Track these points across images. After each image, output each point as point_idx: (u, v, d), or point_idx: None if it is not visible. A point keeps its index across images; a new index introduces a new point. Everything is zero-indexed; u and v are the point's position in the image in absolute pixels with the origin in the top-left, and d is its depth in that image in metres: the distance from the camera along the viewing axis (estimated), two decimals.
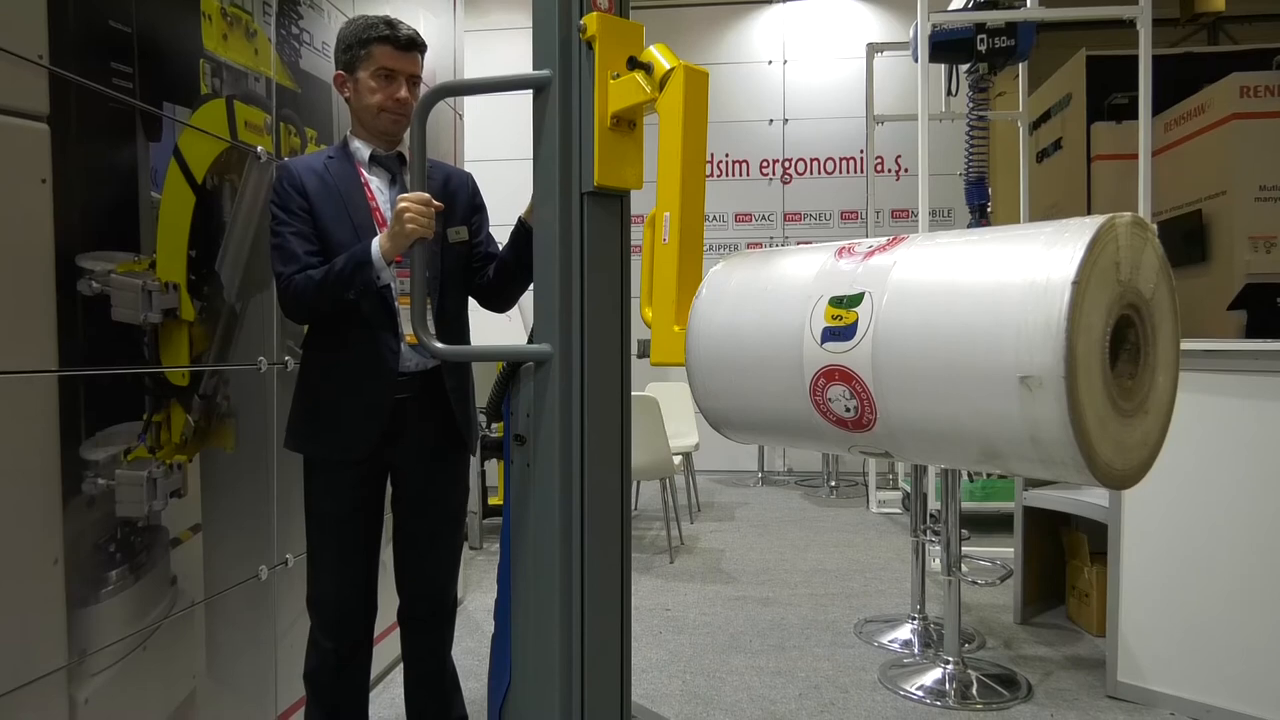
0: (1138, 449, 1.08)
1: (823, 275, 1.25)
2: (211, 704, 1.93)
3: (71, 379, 1.53)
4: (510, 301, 2.10)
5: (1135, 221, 1.04)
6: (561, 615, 1.68)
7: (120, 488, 1.65)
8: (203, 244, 1.93)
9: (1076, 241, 0.99)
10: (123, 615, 1.66)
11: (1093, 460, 0.98)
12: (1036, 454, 1.00)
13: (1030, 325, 0.97)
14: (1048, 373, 0.95)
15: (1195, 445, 2.55)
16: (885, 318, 1.12)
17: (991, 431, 1.03)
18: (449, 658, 2.15)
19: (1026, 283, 0.99)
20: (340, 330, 1.89)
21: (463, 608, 3.57)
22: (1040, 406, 0.97)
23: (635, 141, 1.65)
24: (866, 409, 1.16)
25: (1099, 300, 0.99)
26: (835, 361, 1.17)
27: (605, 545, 1.72)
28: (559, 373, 1.67)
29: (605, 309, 1.66)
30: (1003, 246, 1.07)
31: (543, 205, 1.72)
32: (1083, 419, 0.96)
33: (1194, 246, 5.32)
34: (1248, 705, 2.47)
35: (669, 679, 2.90)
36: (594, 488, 1.70)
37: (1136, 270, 1.05)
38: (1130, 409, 1.06)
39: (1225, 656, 2.50)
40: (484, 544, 4.75)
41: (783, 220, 7.16)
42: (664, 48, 1.57)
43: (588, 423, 1.69)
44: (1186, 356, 2.57)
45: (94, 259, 1.60)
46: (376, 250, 1.76)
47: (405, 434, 1.94)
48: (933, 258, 1.14)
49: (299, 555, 2.26)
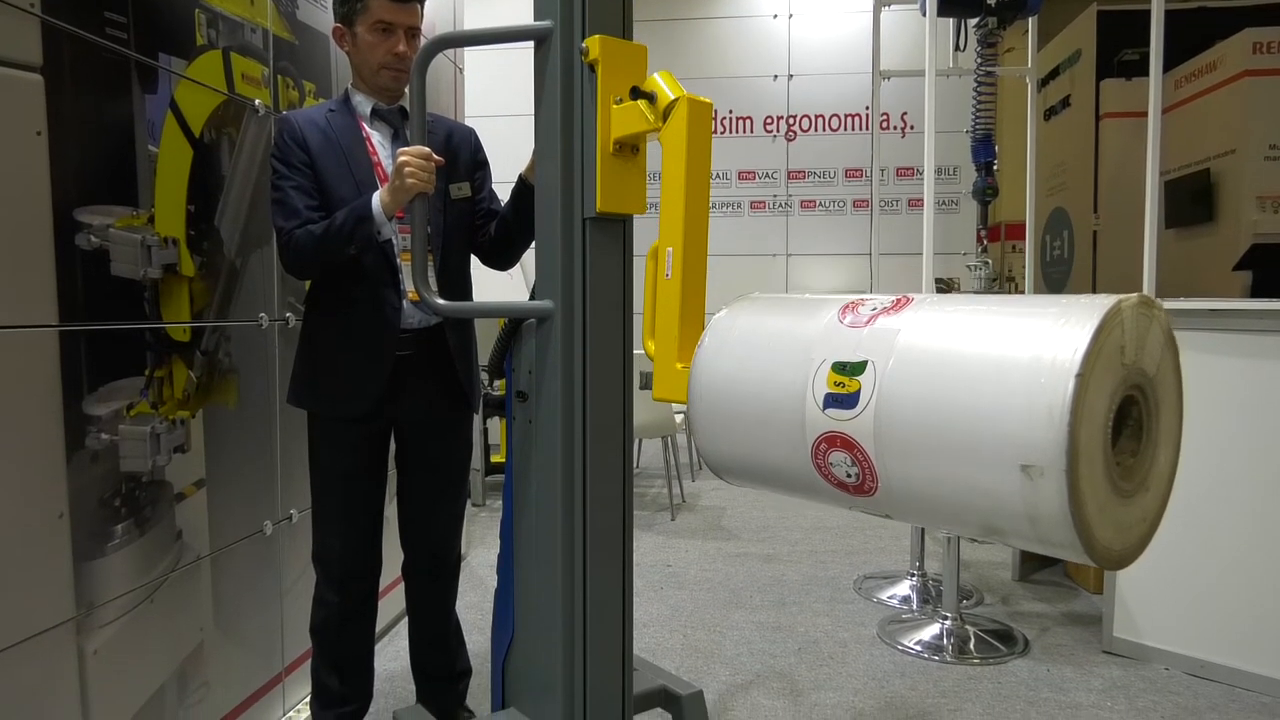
0: (1137, 525, 1.08)
1: (826, 336, 1.23)
2: (219, 656, 1.95)
3: (72, 334, 1.53)
4: (513, 259, 2.09)
5: (1142, 301, 1.04)
6: (563, 570, 1.69)
7: (124, 443, 1.66)
8: (201, 199, 1.91)
9: (1082, 328, 0.98)
10: (129, 569, 1.67)
11: (1091, 546, 0.99)
12: (1035, 534, 1.01)
13: (1033, 414, 0.97)
14: (1049, 464, 0.95)
15: (1196, 404, 2.55)
16: (888, 390, 1.12)
17: (992, 511, 1.04)
18: (453, 612, 2.17)
19: (1031, 367, 0.99)
20: (342, 287, 1.88)
21: (466, 563, 3.61)
22: (1040, 494, 0.97)
23: (638, 167, 1.64)
24: (868, 477, 1.17)
25: (1103, 387, 0.99)
26: (837, 429, 1.17)
27: (607, 500, 1.73)
28: (561, 329, 1.66)
29: (607, 266, 1.65)
30: (1009, 321, 1.06)
31: (544, 162, 1.70)
32: (1083, 508, 0.96)
33: (1200, 206, 5.27)
34: (1241, 660, 2.50)
35: (670, 633, 2.93)
36: (596, 444, 1.70)
37: (1141, 350, 1.05)
38: (1131, 489, 1.06)
39: (1220, 613, 2.53)
40: (486, 501, 4.78)
41: (786, 179, 7.09)
42: (668, 76, 1.55)
43: (590, 380, 1.68)
44: (1189, 315, 2.57)
45: (92, 213, 1.58)
46: (377, 205, 1.75)
47: (408, 391, 1.94)
48: (938, 328, 1.13)
49: (304, 511, 2.28)
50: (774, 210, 7.07)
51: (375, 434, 1.97)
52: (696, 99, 1.50)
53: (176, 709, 1.81)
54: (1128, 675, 2.59)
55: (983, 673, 2.62)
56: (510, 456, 1.84)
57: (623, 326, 1.72)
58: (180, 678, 1.83)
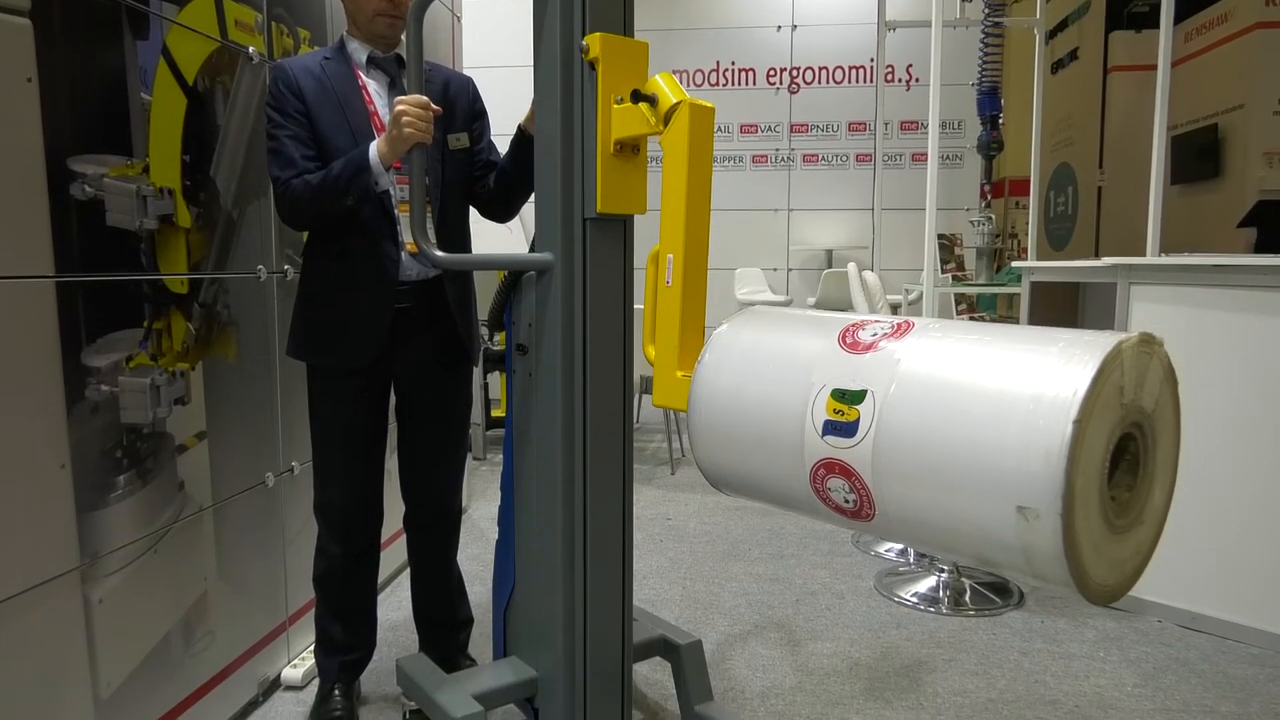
0: (1131, 559, 1.09)
1: (826, 360, 1.22)
2: (223, 605, 1.98)
3: (69, 285, 1.52)
4: (512, 211, 2.07)
5: (1142, 340, 1.03)
6: (564, 521, 1.70)
7: (124, 394, 1.66)
8: (196, 148, 1.88)
9: (1082, 370, 0.97)
10: (132, 519, 1.68)
11: (1085, 585, 1.00)
12: (1030, 570, 1.02)
13: (1030, 455, 0.97)
14: (1045, 507, 0.96)
15: (1197, 360, 2.55)
16: (887, 421, 1.11)
17: (987, 545, 1.05)
18: (454, 562, 2.20)
19: (1030, 408, 0.98)
20: (340, 238, 1.87)
21: (467, 516, 3.64)
22: (1036, 535, 0.98)
23: (639, 167, 1.63)
24: (865, 504, 1.17)
25: (1101, 429, 0.99)
26: (836, 456, 1.18)
27: (607, 452, 1.73)
28: (561, 282, 1.65)
29: (608, 218, 1.64)
30: (1009, 356, 1.06)
31: (543, 111, 1.67)
32: (1077, 549, 0.97)
33: (1207, 162, 5.20)
34: (1232, 613, 2.53)
35: (669, 585, 2.97)
36: (596, 397, 1.70)
37: (1140, 388, 1.04)
38: (1125, 524, 1.07)
39: (1213, 566, 2.56)
40: (487, 455, 4.81)
41: (789, 132, 7.01)
42: (669, 78, 1.54)
43: (590, 333, 1.68)
44: (1193, 271, 2.56)
45: (86, 162, 1.56)
46: (374, 155, 1.73)
47: (407, 344, 1.93)
48: (939, 358, 1.12)
49: (305, 463, 2.29)
50: (776, 164, 7.00)
51: (374, 386, 1.97)
52: (699, 104, 1.49)
53: (183, 656, 1.84)
54: (1120, 627, 2.62)
55: (977, 624, 2.65)
56: (510, 410, 1.84)
57: (624, 279, 1.71)
58: (185, 626, 1.85)
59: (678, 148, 1.49)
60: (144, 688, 1.72)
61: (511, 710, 2.04)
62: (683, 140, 1.48)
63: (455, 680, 1.81)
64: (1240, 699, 2.19)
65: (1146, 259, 2.83)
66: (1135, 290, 2.71)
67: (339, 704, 2.01)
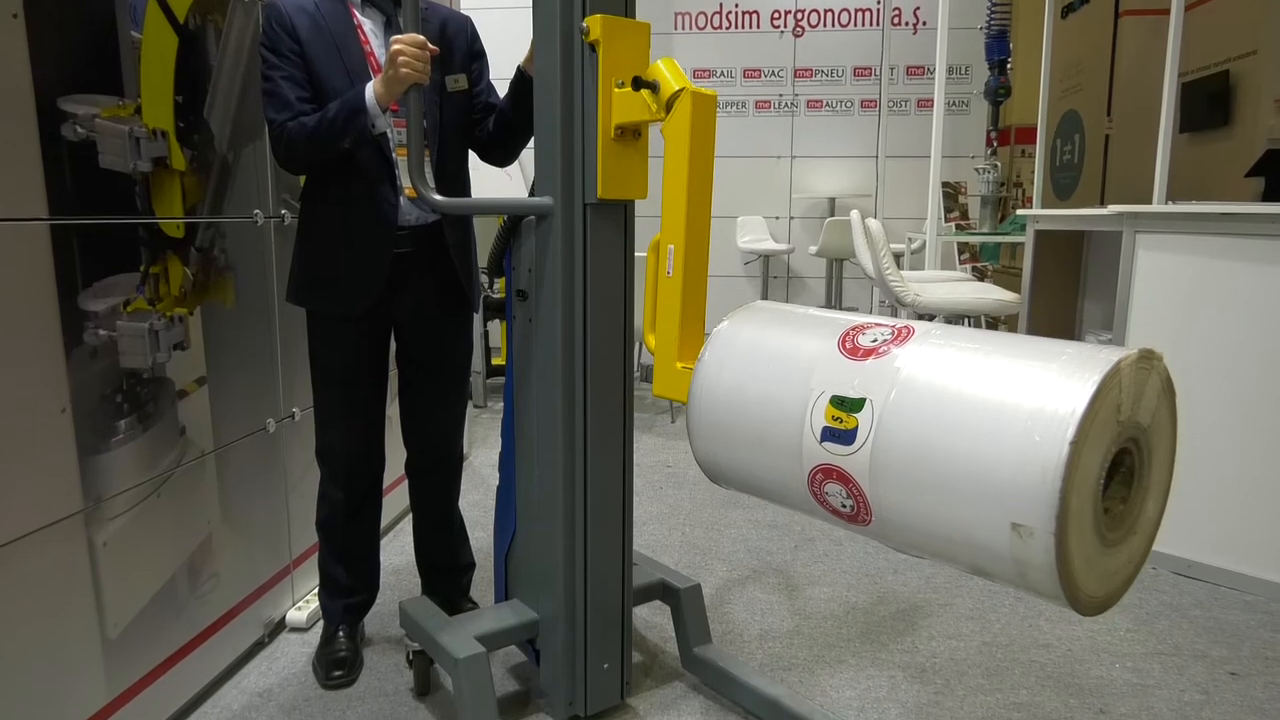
0: (1122, 569, 1.10)
1: (826, 365, 1.22)
2: (228, 549, 2.00)
3: (64, 228, 1.50)
4: (512, 155, 2.04)
5: (1141, 357, 1.03)
6: (565, 466, 1.71)
7: (122, 339, 1.65)
8: (189, 89, 1.85)
9: (1081, 388, 0.97)
10: (134, 463, 1.69)
11: (1075, 599, 1.01)
12: (1022, 583, 1.04)
13: (1026, 473, 0.97)
14: (1039, 525, 0.97)
15: (1201, 309, 2.54)
16: (885, 431, 1.12)
17: (981, 557, 1.06)
18: (456, 507, 2.21)
19: (1027, 426, 0.99)
20: (337, 182, 1.85)
21: (468, 462, 3.66)
22: (1029, 551, 0.99)
23: (640, 152, 1.62)
24: (863, 510, 1.18)
25: (1097, 447, 0.99)
26: (834, 463, 1.18)
27: (607, 398, 1.73)
28: (561, 227, 1.64)
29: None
30: (1009, 369, 1.05)
31: (543, 53, 1.64)
32: (1070, 565, 0.98)
33: (1217, 110, 5.12)
34: (1226, 560, 2.56)
35: (669, 531, 3.00)
36: (596, 343, 1.70)
37: (1138, 404, 1.04)
38: (1118, 537, 1.07)
39: (1208, 514, 2.58)
40: (488, 403, 4.82)
41: (793, 77, 6.88)
42: (671, 64, 1.51)
43: (590, 278, 1.67)
44: (1200, 220, 2.53)
45: (76, 102, 1.53)
46: (371, 96, 1.69)
47: (406, 289, 1.92)
48: (938, 368, 1.11)
49: (306, 409, 2.29)
50: (779, 110, 6.89)
51: (374, 332, 1.96)
52: (700, 92, 1.47)
53: (189, 599, 1.86)
54: None
55: None
56: (511, 356, 1.84)
57: (624, 223, 1.70)
58: (191, 569, 1.87)
59: (679, 137, 1.48)
60: (151, 629, 1.74)
61: (513, 652, 2.08)
62: (684, 129, 1.47)
63: (458, 622, 1.84)
64: (1231, 644, 2.22)
65: (1153, 207, 2.80)
66: (1141, 239, 2.68)
67: (343, 645, 2.04)
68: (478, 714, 1.67)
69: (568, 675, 1.79)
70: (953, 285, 3.51)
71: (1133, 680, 2.05)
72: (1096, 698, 1.97)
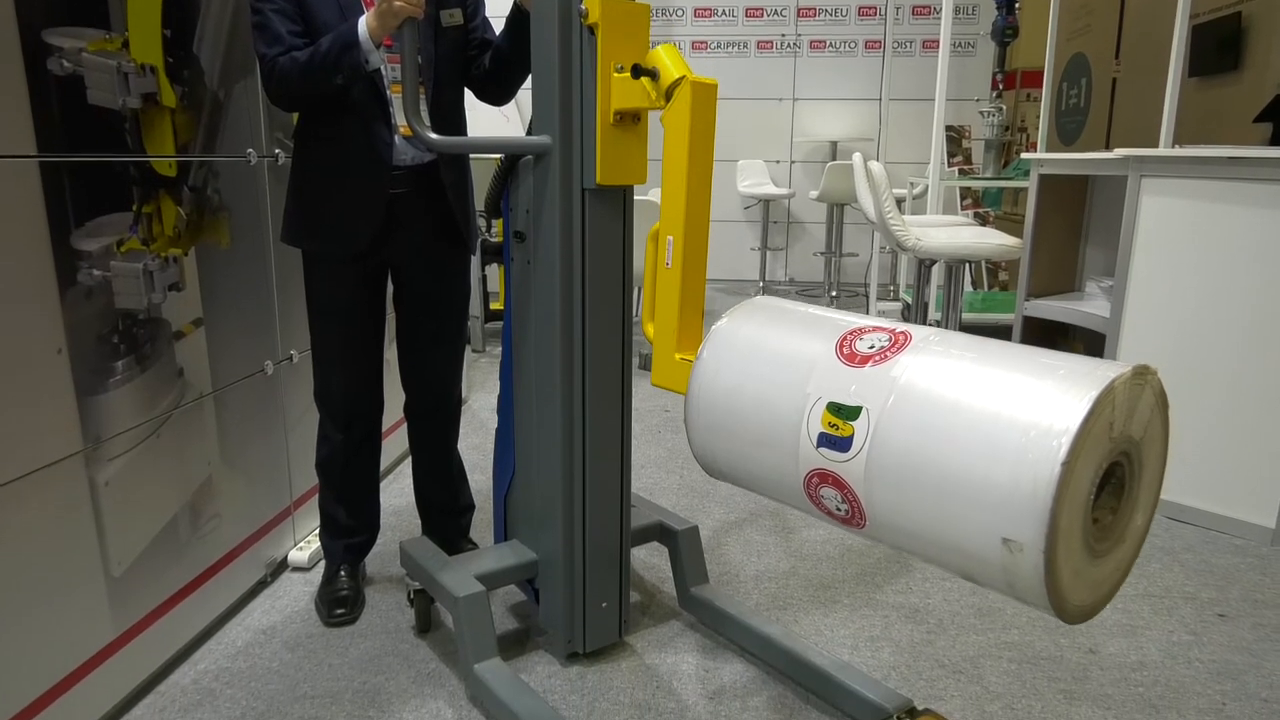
0: (1110, 577, 1.11)
1: (823, 370, 1.23)
2: (228, 490, 2.01)
3: (53, 165, 1.48)
4: (509, 94, 2.00)
5: (1135, 374, 1.03)
6: (563, 409, 1.71)
7: (116, 279, 1.64)
8: (178, 23, 1.80)
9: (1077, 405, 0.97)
10: (133, 404, 1.69)
11: (1063, 610, 1.03)
12: (1011, 592, 1.06)
13: (1018, 489, 0.99)
14: (1029, 541, 0.99)
15: (1205, 255, 2.52)
16: (881, 440, 1.13)
17: (972, 565, 1.08)
18: (455, 450, 2.22)
19: (1019, 443, 1.00)
20: (331, 121, 1.81)
21: (467, 406, 3.68)
22: (1019, 565, 1.01)
23: (639, 136, 1.60)
24: (857, 514, 1.19)
25: (1088, 464, 1.00)
26: (829, 468, 1.19)
27: (606, 340, 1.73)
28: (559, 166, 1.61)
29: None
30: (1005, 381, 1.06)
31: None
32: (1058, 578, 1.00)
33: (1227, 54, 5.02)
34: (1217, 505, 2.59)
35: (667, 474, 3.02)
36: (595, 285, 1.69)
37: (1130, 419, 1.04)
38: (1106, 548, 1.08)
39: (1201, 460, 2.60)
40: (486, 347, 4.82)
41: (796, 16, 6.74)
42: (671, 50, 1.48)
43: (588, 219, 1.65)
44: (1206, 164, 2.50)
45: (61, 35, 1.49)
46: (364, 30, 1.66)
47: (402, 229, 1.90)
48: (934, 378, 1.11)
49: (304, 351, 2.28)
50: (781, 51, 6.76)
51: (371, 273, 1.94)
52: (701, 80, 1.44)
53: (191, 538, 1.88)
54: None
55: None
56: (508, 299, 1.82)
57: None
58: (192, 510, 1.88)
59: (679, 126, 1.46)
60: (155, 567, 1.76)
61: (513, 591, 2.11)
62: (684, 118, 1.45)
63: (458, 561, 1.86)
64: (1220, 586, 2.26)
65: (1159, 150, 2.76)
66: (1146, 184, 2.65)
67: (345, 584, 2.07)
68: (478, 650, 1.70)
69: (566, 614, 1.82)
70: (954, 230, 3.48)
71: (1122, 620, 2.08)
72: (1086, 638, 2.01)
